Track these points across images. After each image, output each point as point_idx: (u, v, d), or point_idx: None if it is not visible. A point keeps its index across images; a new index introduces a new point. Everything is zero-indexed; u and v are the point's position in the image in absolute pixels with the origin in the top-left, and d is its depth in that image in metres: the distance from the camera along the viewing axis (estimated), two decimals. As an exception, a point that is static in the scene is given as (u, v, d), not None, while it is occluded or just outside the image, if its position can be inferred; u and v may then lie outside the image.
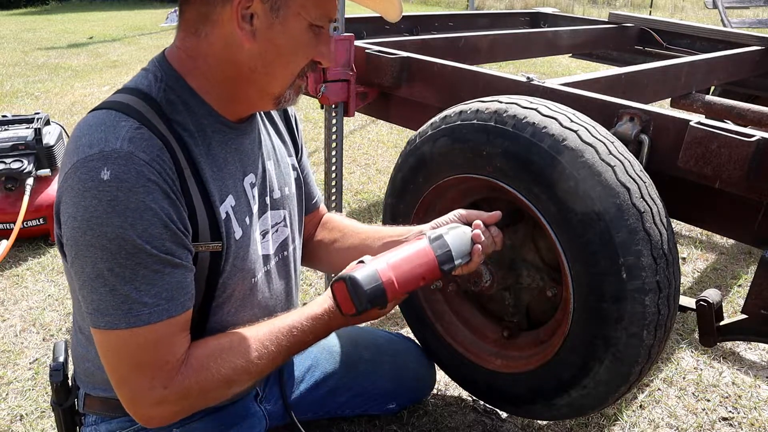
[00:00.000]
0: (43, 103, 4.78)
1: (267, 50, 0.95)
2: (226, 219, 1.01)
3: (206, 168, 0.99)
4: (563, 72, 6.35)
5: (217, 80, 0.99)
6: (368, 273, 0.97)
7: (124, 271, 0.88)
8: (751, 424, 1.67)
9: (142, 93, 0.95)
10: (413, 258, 1.04)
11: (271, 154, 1.16)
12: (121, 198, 0.86)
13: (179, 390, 0.95)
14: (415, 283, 1.03)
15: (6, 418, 1.63)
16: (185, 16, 0.98)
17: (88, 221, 0.86)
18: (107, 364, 0.95)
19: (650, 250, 1.10)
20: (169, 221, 0.91)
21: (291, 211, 1.22)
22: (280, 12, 0.93)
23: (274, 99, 1.03)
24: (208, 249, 0.99)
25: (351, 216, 2.91)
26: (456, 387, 1.72)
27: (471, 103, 1.30)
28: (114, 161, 0.86)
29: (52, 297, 2.19)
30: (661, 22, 2.93)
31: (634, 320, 1.12)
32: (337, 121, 1.93)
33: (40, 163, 2.57)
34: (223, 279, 1.03)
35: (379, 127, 4.28)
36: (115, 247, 0.87)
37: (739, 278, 2.43)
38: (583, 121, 1.18)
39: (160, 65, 1.00)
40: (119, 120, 0.90)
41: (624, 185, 1.11)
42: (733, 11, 9.19)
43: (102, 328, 0.91)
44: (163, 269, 0.91)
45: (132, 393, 0.95)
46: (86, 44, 7.66)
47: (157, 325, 0.91)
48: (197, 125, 0.99)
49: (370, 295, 0.96)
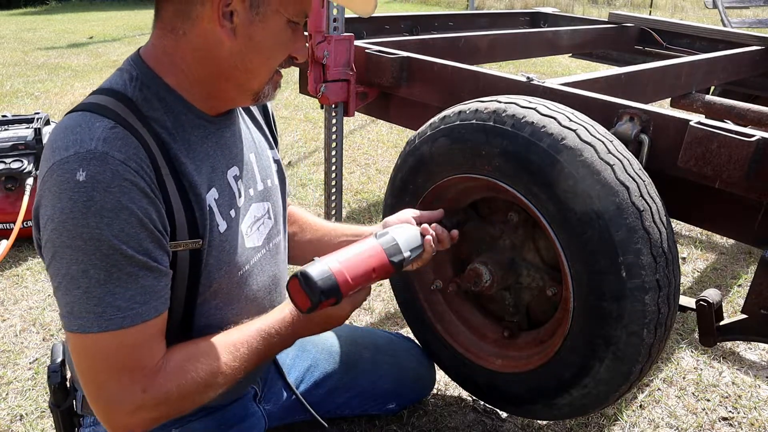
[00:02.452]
0: (43, 103, 4.78)
1: (247, 47, 0.96)
2: (210, 212, 1.01)
3: (187, 163, 0.98)
4: (563, 72, 6.35)
5: (196, 77, 0.99)
6: (319, 267, 1.01)
7: (98, 273, 0.87)
8: (751, 424, 1.67)
9: (116, 92, 0.95)
10: (362, 252, 1.09)
11: (252, 147, 1.16)
12: (96, 198, 0.85)
13: (158, 394, 0.93)
14: (367, 275, 1.07)
15: (6, 418, 1.63)
16: (161, 15, 0.97)
17: (63, 222, 0.85)
18: (81, 370, 0.93)
19: (650, 249, 1.10)
20: (147, 220, 0.90)
21: (274, 203, 1.21)
22: (260, 9, 0.94)
23: (253, 95, 1.03)
24: (186, 248, 0.98)
25: (351, 216, 2.91)
26: (456, 387, 1.72)
27: (470, 103, 1.30)
28: (89, 162, 0.85)
29: (52, 297, 2.19)
30: (661, 22, 2.93)
31: (634, 319, 1.12)
32: (337, 121, 1.93)
33: (40, 163, 2.57)
34: (207, 274, 1.02)
35: (379, 127, 4.28)
36: (91, 248, 0.86)
37: (739, 278, 2.43)
38: (582, 121, 1.18)
39: (135, 64, 0.99)
40: (93, 121, 0.89)
41: (623, 184, 1.11)
42: (733, 11, 9.19)
43: (75, 331, 0.89)
44: (137, 272, 0.90)
45: (108, 400, 0.92)
46: (86, 44, 7.66)
47: (131, 329, 0.90)
48: (175, 122, 0.98)
49: (321, 287, 0.98)
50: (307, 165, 3.57)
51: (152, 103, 0.96)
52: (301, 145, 3.93)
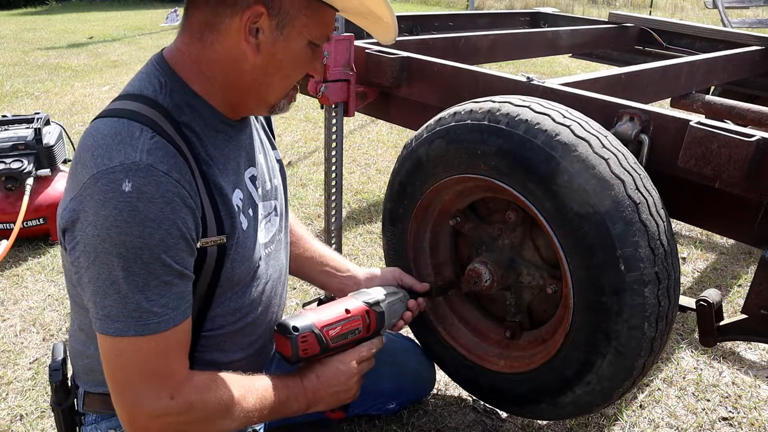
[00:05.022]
0: (43, 103, 4.78)
1: (269, 64, 1.00)
2: (236, 211, 1.05)
3: (214, 166, 1.02)
4: (563, 72, 6.35)
5: (220, 85, 1.02)
6: (298, 317, 1.14)
7: (138, 280, 0.90)
8: (751, 424, 1.67)
9: (148, 99, 0.97)
10: (337, 301, 1.23)
11: (260, 148, 1.20)
12: (141, 208, 0.88)
13: (184, 403, 0.96)
14: (342, 317, 1.19)
15: (6, 418, 1.63)
16: (191, 20, 0.99)
17: (107, 230, 0.88)
18: (111, 371, 0.95)
19: (647, 241, 1.10)
20: (185, 230, 0.93)
21: (280, 202, 1.25)
22: (285, 30, 0.98)
23: (269, 107, 1.09)
24: (215, 243, 1.01)
25: (351, 216, 2.92)
26: (456, 387, 1.72)
27: (465, 104, 1.31)
28: (135, 173, 0.88)
29: (52, 297, 2.19)
30: (661, 22, 2.93)
31: (634, 313, 1.12)
32: (337, 121, 1.93)
33: (40, 163, 2.57)
34: (230, 268, 1.05)
35: (379, 127, 4.28)
36: (132, 256, 0.89)
37: (739, 278, 2.43)
38: (576, 117, 1.19)
39: (162, 69, 1.01)
40: (134, 130, 0.92)
41: (618, 177, 1.11)
42: (733, 11, 9.19)
43: (111, 334, 0.92)
44: (173, 280, 0.94)
45: (134, 402, 0.94)
46: (86, 44, 7.66)
47: (164, 333, 0.94)
48: (203, 125, 1.02)
49: (294, 324, 1.11)
50: (307, 165, 3.57)
51: (182, 108, 1.00)
52: (301, 145, 3.93)
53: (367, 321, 1.23)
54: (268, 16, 0.95)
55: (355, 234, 2.75)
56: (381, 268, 1.45)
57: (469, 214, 1.48)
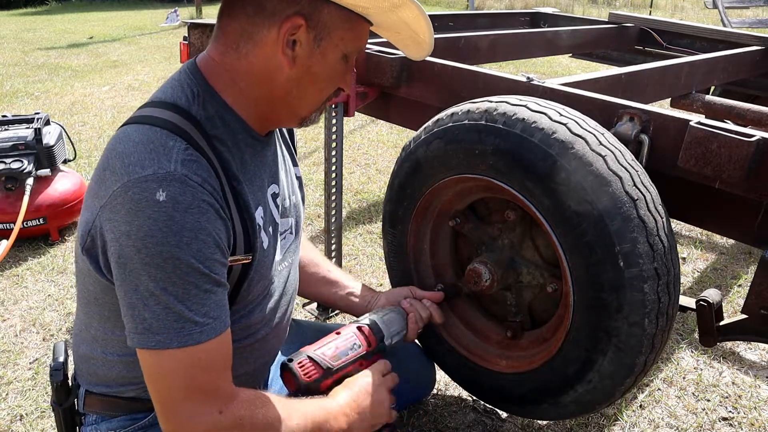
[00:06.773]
0: (43, 103, 4.79)
1: (304, 76, 0.99)
2: (259, 229, 1.04)
3: (243, 181, 1.01)
4: (563, 72, 6.36)
5: (252, 97, 1.01)
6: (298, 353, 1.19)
7: (177, 290, 0.88)
8: (751, 424, 1.67)
9: (181, 109, 0.95)
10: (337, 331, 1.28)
11: (282, 164, 1.19)
12: (177, 218, 0.87)
13: (234, 418, 0.94)
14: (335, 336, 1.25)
15: (6, 418, 1.63)
16: (226, 30, 0.98)
17: (143, 240, 0.86)
18: (156, 389, 0.93)
19: (646, 237, 1.10)
20: (219, 240, 0.92)
21: (297, 219, 1.24)
22: (322, 42, 0.97)
23: (301, 119, 1.08)
24: (240, 261, 1.00)
25: (351, 216, 2.92)
26: (456, 387, 1.72)
27: (462, 105, 1.31)
28: (169, 183, 0.87)
29: (52, 297, 2.19)
30: (661, 22, 2.93)
31: (634, 309, 1.12)
32: (337, 121, 1.93)
33: (40, 163, 2.57)
34: (248, 285, 1.05)
35: (379, 127, 4.28)
36: (170, 266, 0.87)
37: (739, 278, 2.44)
38: (573, 115, 1.19)
39: (195, 78, 0.99)
40: (167, 139, 0.90)
41: (616, 174, 1.11)
42: (733, 11, 9.19)
43: (153, 347, 0.90)
44: (211, 289, 0.92)
45: (182, 420, 0.92)
46: (86, 44, 7.67)
47: (208, 344, 0.91)
48: (233, 139, 1.00)
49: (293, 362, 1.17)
50: (307, 165, 3.57)
51: (214, 121, 0.98)
52: (301, 145, 3.93)
53: (363, 335, 1.26)
54: (306, 28, 0.94)
55: (355, 234, 2.75)
56: (391, 290, 1.50)
57: (469, 215, 1.48)
